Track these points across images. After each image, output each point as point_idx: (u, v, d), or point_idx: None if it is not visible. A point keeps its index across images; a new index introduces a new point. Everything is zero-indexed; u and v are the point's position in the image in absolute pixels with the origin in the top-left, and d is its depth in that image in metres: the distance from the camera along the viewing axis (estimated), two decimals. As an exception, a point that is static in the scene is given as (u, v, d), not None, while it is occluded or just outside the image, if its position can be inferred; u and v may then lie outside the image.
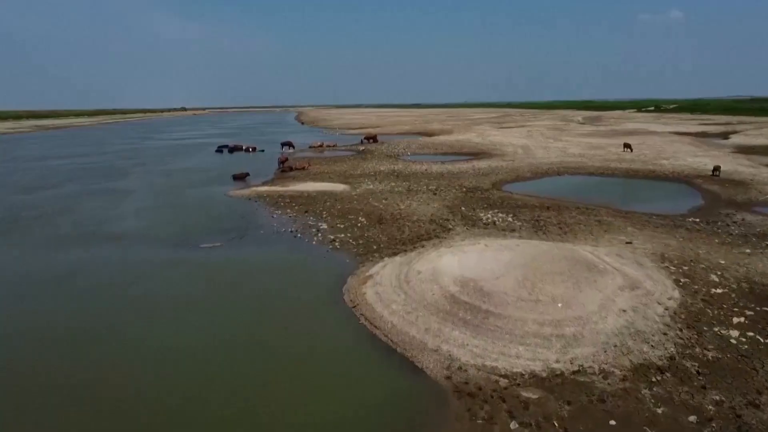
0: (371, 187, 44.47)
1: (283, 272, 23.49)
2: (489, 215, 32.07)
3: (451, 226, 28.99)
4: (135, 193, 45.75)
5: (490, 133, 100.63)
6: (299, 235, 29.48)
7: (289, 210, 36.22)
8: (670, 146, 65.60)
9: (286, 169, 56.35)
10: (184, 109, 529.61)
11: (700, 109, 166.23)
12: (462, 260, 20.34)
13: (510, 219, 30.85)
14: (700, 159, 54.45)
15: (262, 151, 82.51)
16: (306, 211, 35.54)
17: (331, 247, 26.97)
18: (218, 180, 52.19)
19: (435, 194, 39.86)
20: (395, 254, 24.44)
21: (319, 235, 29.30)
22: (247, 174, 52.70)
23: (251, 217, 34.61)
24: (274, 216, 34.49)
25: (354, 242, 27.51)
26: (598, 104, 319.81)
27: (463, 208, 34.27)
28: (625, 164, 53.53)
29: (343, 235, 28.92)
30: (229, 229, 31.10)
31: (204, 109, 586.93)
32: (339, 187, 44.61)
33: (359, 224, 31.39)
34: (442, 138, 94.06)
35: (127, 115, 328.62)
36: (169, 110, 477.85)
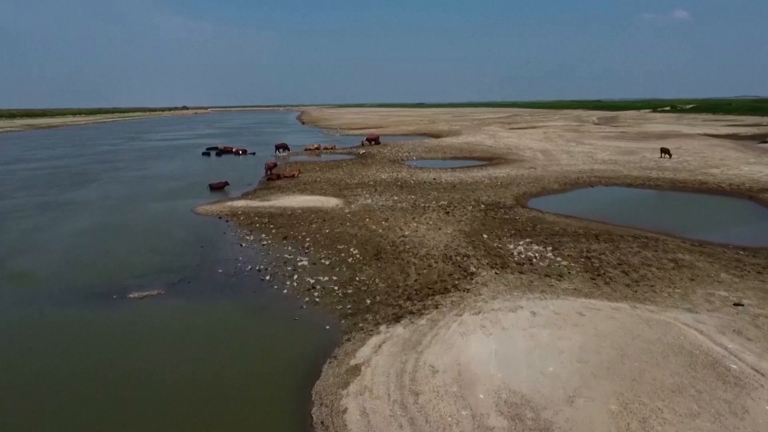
0: (369, 201, 36.79)
1: (228, 351, 15.78)
2: (521, 247, 24.33)
3: (473, 269, 21.22)
4: (86, 208, 38.21)
5: (503, 134, 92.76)
6: (269, 277, 21.80)
7: (264, 235, 28.60)
8: (712, 151, 57.60)
9: (272, 177, 48.81)
10: (185, 108, 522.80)
11: (721, 109, 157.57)
12: (502, 348, 12.72)
13: (550, 254, 23.09)
14: (756, 167, 46.48)
15: (253, 154, 75.15)
16: (285, 238, 27.92)
17: (308, 299, 19.30)
18: (192, 190, 44.66)
19: (447, 213, 32.13)
20: (397, 318, 16.77)
21: (296, 277, 21.65)
22: (226, 183, 45.16)
23: (214, 245, 27.00)
24: (244, 244, 26.87)
25: (340, 291, 19.83)
26: (607, 104, 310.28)
27: (485, 236, 26.54)
28: (668, 173, 45.65)
29: (326, 278, 21.26)
30: (179, 267, 23.48)
31: (206, 108, 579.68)
32: (330, 201, 36.94)
33: (350, 259, 23.74)
34: (449, 140, 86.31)
35: (127, 114, 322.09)
36: (170, 109, 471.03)
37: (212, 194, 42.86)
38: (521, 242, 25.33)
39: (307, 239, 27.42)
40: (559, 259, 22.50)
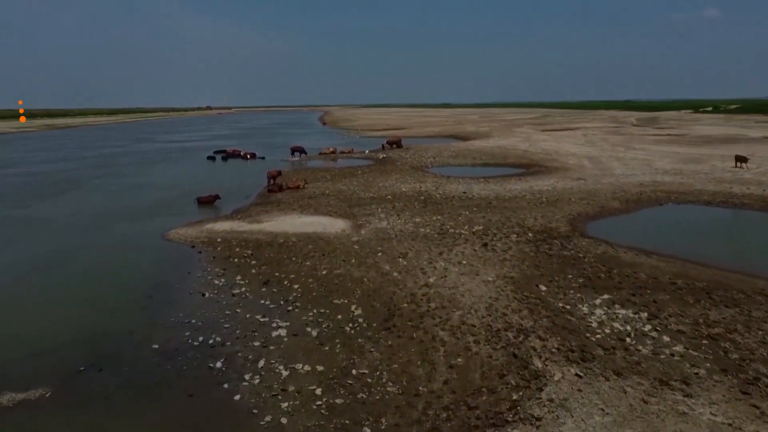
0: (384, 224, 29.29)
1: None
2: (600, 311, 16.52)
3: (538, 362, 13.44)
4: (43, 228, 31.50)
5: (538, 137, 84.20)
6: (221, 362, 14.39)
7: (240, 277, 21.31)
8: (796, 160, 48.48)
9: (274, 189, 41.64)
10: (209, 108, 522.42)
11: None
12: None
13: (650, 328, 15.20)
14: None
15: (263, 158, 68.33)
16: (266, 282, 20.56)
17: (270, 417, 11.82)
18: (177, 204, 37.77)
19: (485, 246, 24.38)
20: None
21: (262, 363, 14.20)
22: (217, 197, 38.07)
23: (167, 295, 19.75)
24: (207, 294, 19.57)
25: (325, 401, 12.31)
26: (638, 104, 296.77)
27: (542, 288, 18.73)
28: (754, 188, 37.02)
29: (308, 369, 13.77)
30: (101, 335, 16.28)
31: (230, 108, 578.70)
32: (336, 224, 29.49)
33: (349, 326, 16.25)
34: (479, 143, 78.20)
35: (149, 114, 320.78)
36: (194, 109, 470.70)
37: (199, 209, 35.98)
38: (597, 301, 17.47)
39: (296, 286, 20.01)
40: (666, 338, 14.57)
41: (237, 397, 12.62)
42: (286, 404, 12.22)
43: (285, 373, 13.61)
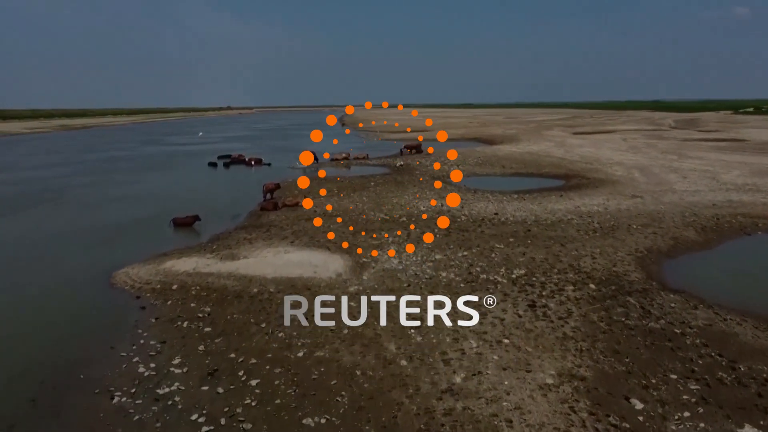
0: (395, 263, 22.49)
1: None
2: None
3: None
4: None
5: (573, 142, 76.30)
6: None
7: (179, 359, 14.77)
8: None
9: (267, 207, 35.12)
10: (229, 108, 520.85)
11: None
12: None
13: None
14: None
15: (269, 164, 62.21)
16: (212, 373, 13.96)
17: None
18: (148, 227, 31.63)
19: (533, 307, 17.39)
20: None
21: None
22: (196, 218, 31.65)
23: (56, 401, 13.28)
24: (120, 396, 13.07)
25: None
26: (668, 104, 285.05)
27: (635, 406, 11.72)
28: None
29: None
30: None
31: (251, 108, 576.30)
32: (331, 263, 22.71)
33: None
34: (508, 148, 70.83)
35: (169, 114, 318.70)
36: (214, 109, 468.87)
37: (173, 235, 29.82)
38: (738, 441, 10.34)
39: (253, 382, 13.34)
40: None
41: None
42: None
43: None
